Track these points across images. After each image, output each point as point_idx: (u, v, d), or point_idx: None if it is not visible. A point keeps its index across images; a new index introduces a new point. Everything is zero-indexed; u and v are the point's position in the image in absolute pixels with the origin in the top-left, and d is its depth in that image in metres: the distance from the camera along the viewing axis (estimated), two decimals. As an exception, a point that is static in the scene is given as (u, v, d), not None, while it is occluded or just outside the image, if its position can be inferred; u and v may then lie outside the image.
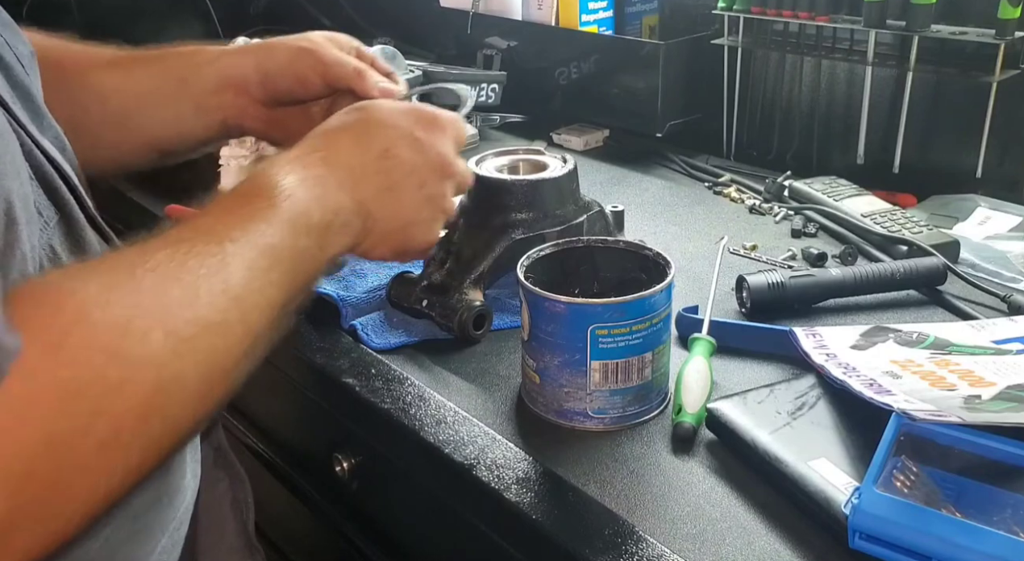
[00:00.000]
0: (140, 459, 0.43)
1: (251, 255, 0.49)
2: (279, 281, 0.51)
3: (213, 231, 0.49)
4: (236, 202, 0.53)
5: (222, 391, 0.47)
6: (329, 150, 0.60)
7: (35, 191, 0.50)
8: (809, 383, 0.69)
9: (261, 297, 0.49)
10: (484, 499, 0.65)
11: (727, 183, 1.17)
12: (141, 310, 0.43)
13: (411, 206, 0.64)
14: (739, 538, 0.58)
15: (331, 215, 0.56)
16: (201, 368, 0.45)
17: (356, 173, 0.60)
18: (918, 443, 0.57)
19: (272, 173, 0.55)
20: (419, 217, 0.64)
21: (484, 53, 1.43)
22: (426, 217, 0.65)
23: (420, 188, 0.64)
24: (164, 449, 0.44)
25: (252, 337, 0.48)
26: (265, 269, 0.50)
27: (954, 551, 0.51)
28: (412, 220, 0.64)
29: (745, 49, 1.24)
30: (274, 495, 1.05)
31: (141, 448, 0.42)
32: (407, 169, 0.63)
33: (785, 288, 0.84)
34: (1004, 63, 1.02)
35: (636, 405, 0.70)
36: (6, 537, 0.38)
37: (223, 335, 0.46)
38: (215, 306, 0.46)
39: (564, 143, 1.34)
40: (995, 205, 1.03)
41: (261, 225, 0.51)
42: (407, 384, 0.77)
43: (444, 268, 0.84)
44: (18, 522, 0.38)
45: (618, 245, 0.76)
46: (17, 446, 0.38)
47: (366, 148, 0.61)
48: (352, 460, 0.86)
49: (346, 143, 0.61)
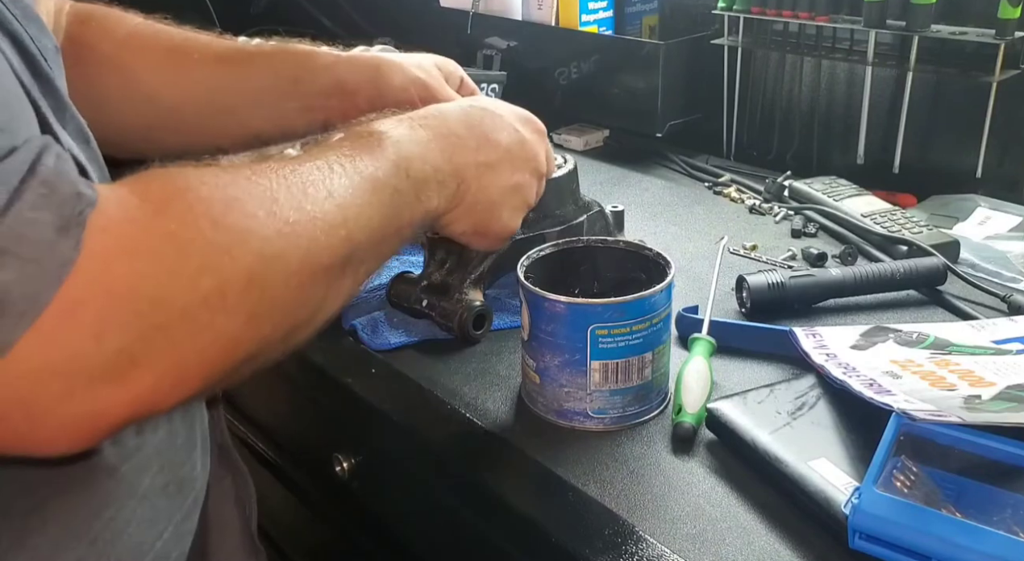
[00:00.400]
0: (245, 328, 0.44)
1: (356, 178, 0.52)
2: (380, 208, 0.53)
3: (322, 155, 0.52)
4: (346, 138, 0.56)
5: (320, 292, 0.49)
6: (438, 119, 0.64)
7: None
8: (809, 383, 0.69)
9: (362, 212, 0.51)
10: (484, 499, 0.65)
11: (727, 183, 1.17)
12: (248, 194, 0.45)
13: (501, 188, 0.67)
14: (739, 538, 0.58)
15: (430, 170, 0.60)
16: (302, 253, 0.46)
17: (458, 144, 0.63)
18: (918, 443, 0.57)
19: (383, 123, 0.59)
20: (505, 201, 0.68)
21: (484, 53, 1.43)
22: (512, 203, 0.69)
23: (512, 174, 0.68)
24: (264, 330, 0.45)
25: (352, 245, 0.50)
26: (368, 192, 0.52)
27: (954, 551, 0.51)
28: (499, 201, 0.67)
29: (745, 49, 1.24)
30: (274, 495, 1.05)
31: (247, 316, 0.43)
32: (504, 155, 0.67)
33: (785, 288, 0.84)
34: (1004, 63, 1.02)
35: (636, 405, 0.70)
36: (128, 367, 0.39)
37: (325, 231, 0.48)
38: (320, 203, 0.48)
39: (564, 143, 1.34)
40: (995, 205, 1.03)
41: (367, 158, 0.54)
42: (407, 384, 0.77)
43: (444, 268, 0.84)
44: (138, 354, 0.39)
45: (618, 245, 0.76)
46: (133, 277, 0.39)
47: (472, 126, 0.66)
48: (352, 460, 0.86)
49: (454, 118, 0.65)
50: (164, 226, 0.41)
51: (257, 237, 0.44)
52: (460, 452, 0.68)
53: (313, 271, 0.48)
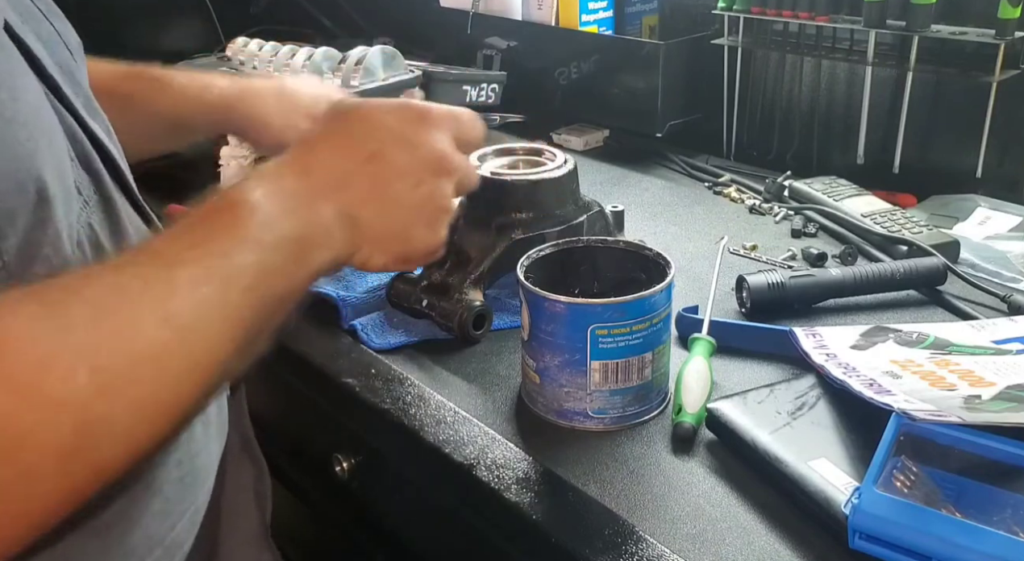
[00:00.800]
0: (58, 503, 0.40)
1: (204, 278, 0.46)
2: (240, 303, 0.47)
3: (165, 253, 0.46)
4: (198, 220, 0.49)
5: (165, 427, 0.44)
6: (308, 160, 0.56)
7: (75, 170, 0.50)
8: (809, 383, 0.69)
9: (213, 324, 0.46)
10: (484, 499, 0.65)
11: (727, 183, 1.17)
12: (67, 346, 0.40)
13: (407, 210, 0.58)
14: (739, 538, 0.58)
15: (306, 228, 0.52)
16: (133, 406, 0.42)
17: (339, 182, 0.55)
18: (918, 443, 0.57)
19: (242, 187, 0.51)
20: (418, 220, 0.59)
21: (484, 53, 1.43)
22: (425, 219, 0.60)
23: (415, 188, 0.58)
24: (91, 488, 0.42)
25: (199, 369, 0.45)
26: (220, 292, 0.46)
27: (954, 551, 0.51)
28: (410, 224, 0.59)
29: (745, 49, 1.24)
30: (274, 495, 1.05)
31: (60, 492, 0.40)
32: (399, 171, 0.58)
33: (785, 288, 0.84)
34: (1004, 63, 1.02)
35: (636, 405, 0.70)
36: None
37: (161, 369, 0.43)
38: (153, 338, 0.43)
39: (564, 143, 1.34)
40: (995, 205, 1.03)
41: (221, 244, 0.48)
42: (407, 384, 0.77)
43: (444, 268, 0.84)
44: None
45: (618, 245, 0.76)
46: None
47: (350, 154, 0.57)
48: (352, 460, 0.86)
49: (326, 151, 0.56)
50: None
51: (74, 406, 0.39)
52: (460, 452, 0.68)
53: (149, 418, 0.43)
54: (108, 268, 0.45)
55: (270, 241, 0.49)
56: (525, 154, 0.91)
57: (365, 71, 1.16)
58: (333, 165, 0.55)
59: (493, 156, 0.90)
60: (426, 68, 1.27)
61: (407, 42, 1.52)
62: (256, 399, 1.07)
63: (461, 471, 0.67)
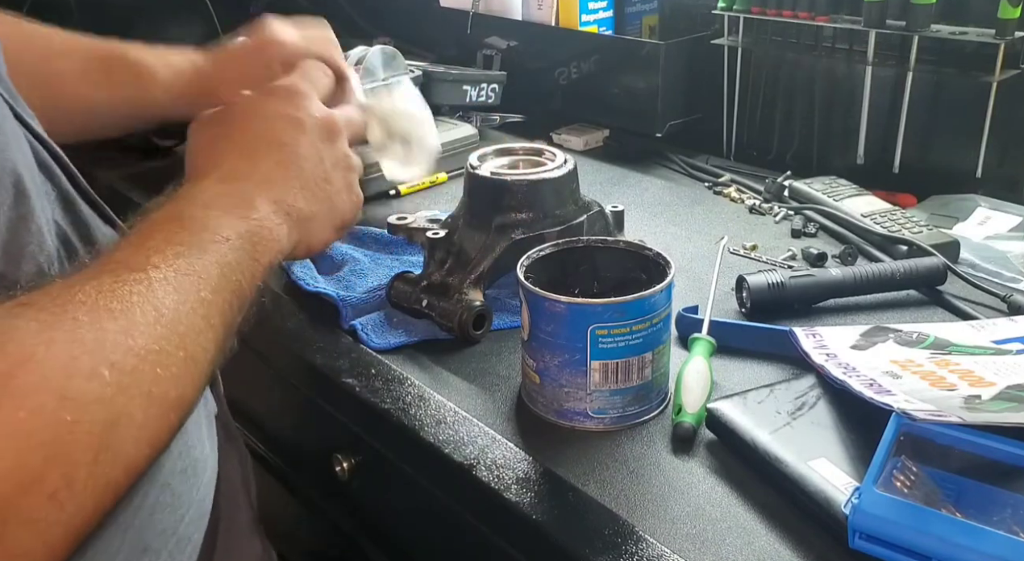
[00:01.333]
0: (94, 505, 0.40)
1: (175, 281, 0.47)
2: (212, 301, 0.49)
3: (132, 261, 0.47)
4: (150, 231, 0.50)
5: (174, 420, 0.46)
6: (223, 171, 0.57)
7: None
8: (809, 383, 0.69)
9: (196, 321, 0.47)
10: (484, 499, 0.65)
11: (727, 183, 1.17)
12: (84, 347, 0.41)
13: (324, 183, 0.62)
14: (739, 538, 0.58)
15: (252, 224, 0.54)
16: (146, 401, 0.43)
17: (262, 179, 0.58)
18: (918, 443, 0.57)
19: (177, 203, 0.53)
20: (338, 189, 0.63)
21: (484, 53, 1.43)
22: (342, 184, 0.63)
23: (321, 162, 0.62)
24: (120, 487, 0.42)
25: (194, 362, 0.46)
26: (193, 292, 0.48)
27: (954, 551, 0.51)
28: (332, 194, 0.62)
29: (745, 49, 1.24)
30: (274, 495, 1.05)
31: (95, 492, 0.40)
32: (302, 151, 0.61)
33: (785, 288, 0.84)
34: (1004, 63, 1.02)
35: (636, 405, 0.70)
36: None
37: (163, 364, 0.44)
38: (152, 335, 0.44)
39: (564, 143, 1.34)
40: (995, 205, 1.03)
41: (178, 249, 0.49)
42: (407, 384, 0.77)
43: (444, 268, 0.84)
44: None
45: (618, 245, 0.76)
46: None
47: (255, 152, 0.59)
48: (352, 460, 0.86)
49: (234, 157, 0.58)
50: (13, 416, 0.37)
51: (102, 402, 0.40)
52: (460, 452, 0.68)
53: (159, 412, 0.44)
54: (87, 275, 0.45)
55: (223, 242, 0.51)
56: (525, 154, 0.91)
57: (365, 71, 1.16)
58: (249, 167, 0.58)
59: (493, 156, 0.90)
60: (426, 68, 1.27)
61: (407, 42, 1.53)
62: (256, 399, 1.07)
63: (461, 471, 0.67)
